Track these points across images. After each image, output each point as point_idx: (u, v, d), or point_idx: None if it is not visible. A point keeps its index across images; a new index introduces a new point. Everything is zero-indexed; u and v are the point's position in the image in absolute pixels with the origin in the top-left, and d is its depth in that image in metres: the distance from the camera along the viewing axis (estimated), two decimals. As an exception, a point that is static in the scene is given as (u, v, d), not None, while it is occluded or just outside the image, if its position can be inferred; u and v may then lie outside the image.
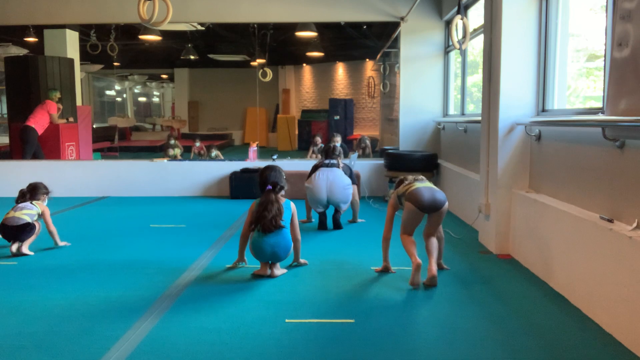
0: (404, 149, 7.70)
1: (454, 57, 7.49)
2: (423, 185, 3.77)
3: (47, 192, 4.93)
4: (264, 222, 3.75)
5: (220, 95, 18.33)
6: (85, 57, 11.41)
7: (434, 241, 3.75)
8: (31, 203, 4.70)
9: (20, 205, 4.67)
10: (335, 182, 5.27)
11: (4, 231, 4.54)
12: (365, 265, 4.11)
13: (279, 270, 3.88)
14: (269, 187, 3.85)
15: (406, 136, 7.80)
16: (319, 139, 10.04)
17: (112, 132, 13.64)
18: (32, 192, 4.80)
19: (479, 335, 2.82)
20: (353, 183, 5.47)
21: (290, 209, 3.92)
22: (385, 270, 3.90)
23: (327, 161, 5.46)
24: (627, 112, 2.72)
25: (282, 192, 3.95)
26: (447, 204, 3.74)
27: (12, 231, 4.51)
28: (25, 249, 4.54)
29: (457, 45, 5.29)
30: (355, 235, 5.16)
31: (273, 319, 3.04)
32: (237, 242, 4.15)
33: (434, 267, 3.62)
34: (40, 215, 4.68)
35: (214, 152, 10.01)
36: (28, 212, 4.59)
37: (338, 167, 5.44)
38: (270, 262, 3.85)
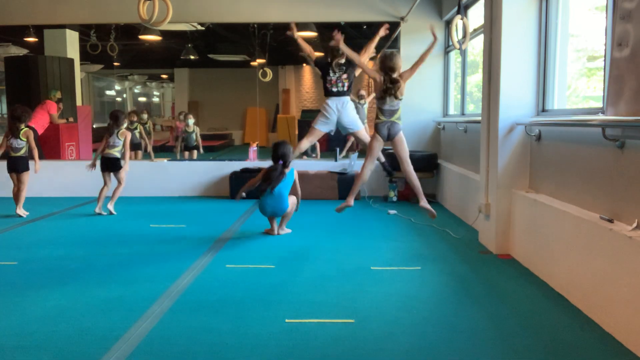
0: (404, 149, 7.68)
1: (454, 57, 7.49)
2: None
3: (126, 117, 6.35)
4: (267, 184, 4.87)
5: (220, 95, 18.34)
6: (85, 57, 11.41)
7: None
8: (117, 136, 6.05)
9: (110, 142, 6.05)
10: (344, 111, 6.20)
11: (102, 162, 6.11)
12: (365, 265, 4.11)
13: (283, 230, 5.14)
14: (280, 161, 4.91)
15: (406, 136, 7.70)
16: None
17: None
18: (115, 120, 6.09)
19: (479, 335, 2.82)
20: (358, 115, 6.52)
21: (293, 176, 5.05)
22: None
23: (335, 89, 6.16)
24: (627, 112, 2.72)
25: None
26: None
27: (107, 162, 6.09)
28: (111, 207, 6.12)
29: (457, 45, 5.30)
30: (355, 235, 5.16)
31: (273, 319, 3.04)
32: (237, 242, 4.82)
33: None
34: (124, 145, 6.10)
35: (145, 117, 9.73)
36: (117, 149, 6.08)
37: (347, 94, 6.18)
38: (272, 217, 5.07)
